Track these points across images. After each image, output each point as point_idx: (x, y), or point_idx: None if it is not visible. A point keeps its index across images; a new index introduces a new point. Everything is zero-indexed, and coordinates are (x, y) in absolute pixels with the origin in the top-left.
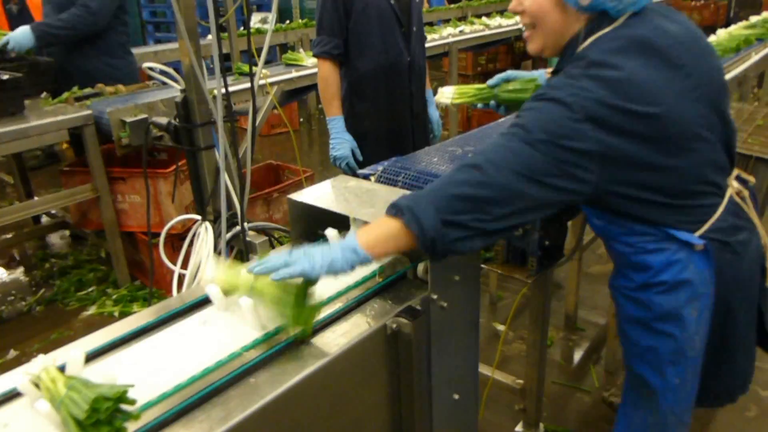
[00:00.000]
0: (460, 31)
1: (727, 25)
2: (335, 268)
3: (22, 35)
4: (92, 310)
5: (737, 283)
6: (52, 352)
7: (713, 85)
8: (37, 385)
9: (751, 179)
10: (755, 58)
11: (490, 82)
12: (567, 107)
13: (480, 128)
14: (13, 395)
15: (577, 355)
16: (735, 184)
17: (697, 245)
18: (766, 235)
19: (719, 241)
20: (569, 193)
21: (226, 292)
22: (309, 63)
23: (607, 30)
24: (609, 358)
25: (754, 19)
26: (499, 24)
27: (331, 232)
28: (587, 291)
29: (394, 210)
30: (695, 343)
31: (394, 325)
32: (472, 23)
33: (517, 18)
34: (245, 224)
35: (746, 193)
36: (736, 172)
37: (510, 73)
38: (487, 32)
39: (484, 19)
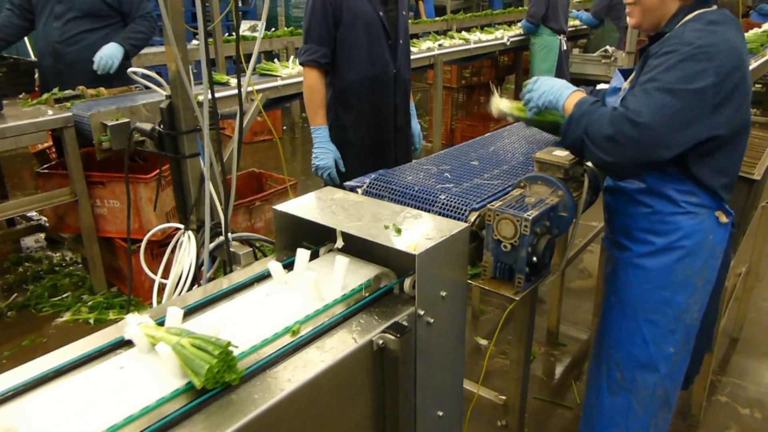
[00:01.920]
0: (439, 45)
1: None
2: (550, 106)
3: (115, 50)
4: (66, 316)
5: (726, 266)
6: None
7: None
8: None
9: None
10: None
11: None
12: (699, 62)
13: (467, 142)
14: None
15: (559, 371)
16: None
17: (724, 217)
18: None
19: (732, 223)
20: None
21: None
22: (283, 73)
23: (706, 10)
24: None
25: None
26: (479, 39)
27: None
28: (569, 306)
29: (573, 109)
30: (694, 312)
31: (381, 342)
32: (452, 38)
33: (497, 34)
34: (229, 235)
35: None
36: None
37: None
38: (472, 46)
39: (464, 33)
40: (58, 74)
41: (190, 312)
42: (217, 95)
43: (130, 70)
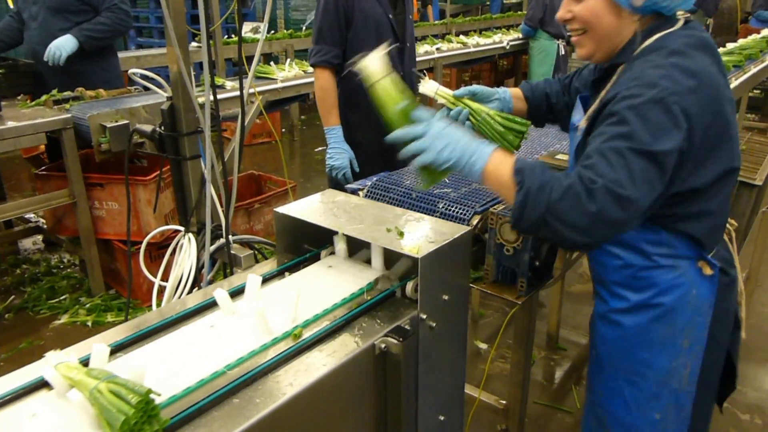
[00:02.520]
0: (437, 49)
1: None
2: (455, 169)
3: (65, 41)
4: (64, 318)
5: (725, 318)
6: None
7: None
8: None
9: (734, 223)
10: (735, 83)
11: (457, 92)
12: (669, 107)
13: None
14: (37, 386)
15: (559, 375)
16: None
17: (708, 269)
18: (742, 281)
19: (722, 271)
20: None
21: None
22: (280, 76)
23: (672, 29)
24: None
25: (730, 45)
26: (477, 43)
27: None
28: (569, 310)
29: (518, 179)
30: (682, 377)
31: (383, 345)
32: (450, 41)
33: (495, 38)
34: (230, 237)
35: (732, 230)
36: None
37: (475, 87)
38: (471, 50)
39: (462, 37)
40: (39, 76)
41: (190, 315)
42: (217, 97)
43: (131, 70)
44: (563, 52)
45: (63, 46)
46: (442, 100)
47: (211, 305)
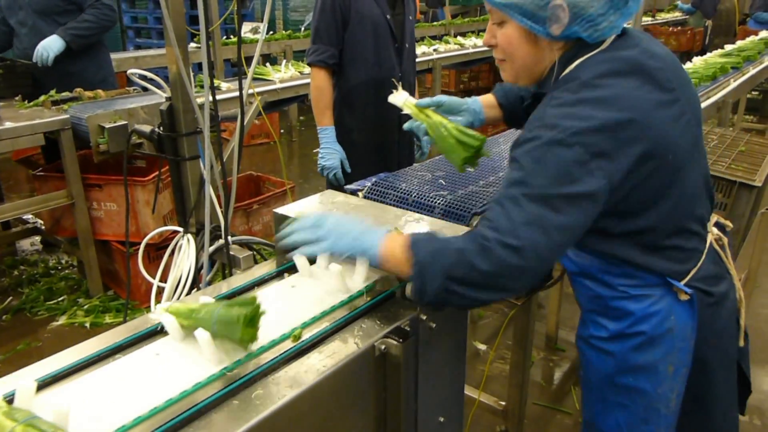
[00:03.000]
0: (435, 50)
1: (703, 51)
2: (352, 258)
3: (51, 42)
4: (62, 320)
5: (715, 338)
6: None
7: (695, 114)
8: None
9: (729, 225)
10: (734, 84)
11: (420, 101)
12: (570, 148)
13: None
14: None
15: (558, 376)
16: (714, 230)
17: (684, 294)
18: (741, 288)
19: (702, 291)
20: (574, 234)
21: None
22: (276, 77)
23: (594, 53)
24: None
25: (729, 47)
26: (474, 44)
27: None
28: (567, 311)
29: (409, 255)
30: (670, 401)
31: (383, 347)
32: (447, 42)
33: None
34: (229, 238)
35: (725, 240)
36: (714, 217)
37: (441, 98)
38: (470, 51)
39: (459, 38)
40: (34, 80)
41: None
42: (216, 98)
43: (129, 71)
44: None
45: (50, 46)
46: (408, 111)
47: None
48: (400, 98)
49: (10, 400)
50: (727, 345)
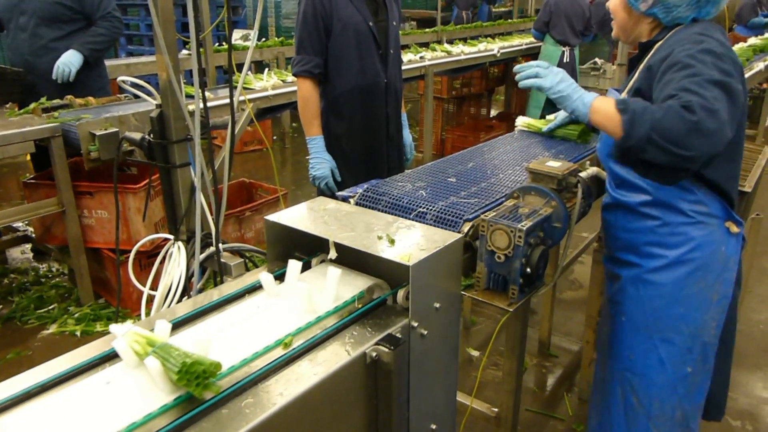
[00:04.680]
0: (420, 57)
1: None
2: (564, 101)
3: (71, 57)
4: (52, 328)
5: (739, 280)
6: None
7: None
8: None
9: None
10: None
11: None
12: (712, 54)
13: (460, 152)
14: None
15: (551, 382)
16: None
17: (735, 227)
18: None
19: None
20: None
21: None
22: (257, 86)
23: (684, 25)
24: (583, 386)
25: None
26: (461, 51)
27: (265, 277)
28: (560, 317)
29: (622, 107)
30: (711, 329)
31: (374, 354)
32: (434, 50)
33: (480, 46)
34: (220, 245)
35: None
36: None
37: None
38: (462, 57)
39: (446, 45)
40: (32, 86)
41: (180, 324)
42: (207, 105)
43: (120, 78)
44: (567, 59)
45: (70, 62)
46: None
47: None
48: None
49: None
50: (738, 289)
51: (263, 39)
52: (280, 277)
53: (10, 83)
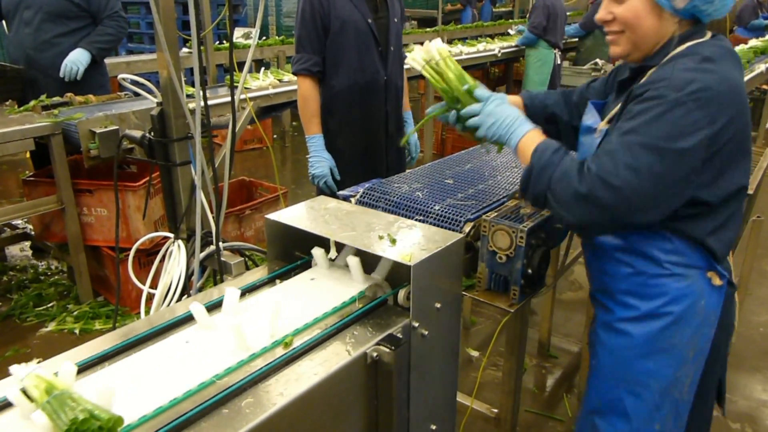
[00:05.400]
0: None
1: None
2: (498, 142)
3: (80, 55)
4: (51, 326)
5: (727, 328)
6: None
7: None
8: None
9: None
10: None
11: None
12: (690, 111)
13: (459, 153)
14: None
15: (550, 383)
16: None
17: (718, 279)
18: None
19: (729, 283)
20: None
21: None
22: (253, 85)
23: (702, 39)
24: (582, 388)
25: None
26: (461, 51)
27: (317, 252)
28: (560, 318)
29: (534, 156)
30: (684, 386)
31: (375, 354)
32: None
33: (480, 46)
34: (220, 244)
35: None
36: None
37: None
38: (463, 57)
39: (445, 45)
40: (33, 81)
41: (98, 362)
42: (208, 103)
43: (120, 75)
44: (559, 62)
45: (78, 60)
46: (428, 75)
47: (187, 319)
48: (418, 56)
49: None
50: (727, 340)
51: (264, 37)
52: (280, 276)
53: (10, 80)
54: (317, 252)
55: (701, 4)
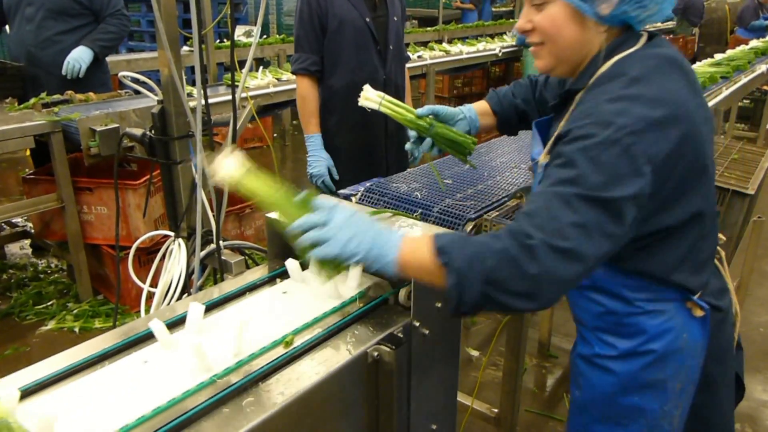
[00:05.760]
0: (419, 57)
1: (694, 59)
2: (361, 262)
3: (82, 53)
4: (51, 324)
5: (721, 354)
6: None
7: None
8: None
9: (722, 237)
10: (725, 93)
11: (420, 111)
12: (626, 149)
13: (442, 159)
14: None
15: (550, 383)
16: None
17: (699, 310)
18: (736, 300)
19: (712, 306)
20: (620, 241)
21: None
22: (251, 84)
23: (633, 49)
24: None
25: (718, 56)
26: (460, 51)
27: (291, 264)
28: (560, 318)
29: (444, 260)
30: (674, 418)
31: (376, 353)
32: (432, 49)
33: (480, 45)
34: (221, 243)
35: (722, 253)
36: None
37: (438, 108)
38: (464, 56)
39: (444, 45)
40: (34, 79)
41: (51, 383)
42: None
43: (121, 73)
44: None
45: (81, 58)
46: (387, 111)
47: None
48: (372, 95)
49: None
50: (730, 359)
51: (264, 36)
52: (280, 275)
53: (10, 78)
54: (290, 265)
55: (632, 9)
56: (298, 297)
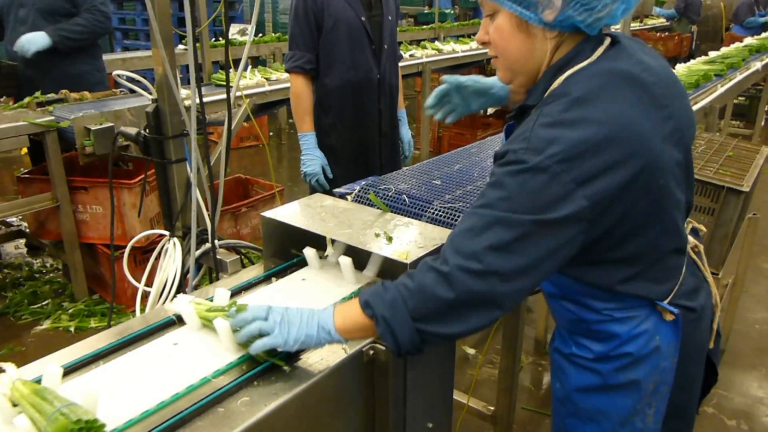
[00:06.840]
0: (411, 55)
1: (689, 57)
2: (308, 345)
3: (36, 37)
4: (46, 324)
5: (696, 351)
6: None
7: (689, 129)
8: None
9: (702, 228)
10: (720, 90)
11: (446, 77)
12: (556, 177)
13: (449, 153)
14: None
15: (546, 381)
16: (690, 239)
17: (669, 314)
18: (716, 293)
19: (686, 308)
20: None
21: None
22: (241, 84)
23: (585, 63)
24: None
25: (712, 54)
26: (453, 49)
27: (309, 252)
28: None
29: (369, 313)
30: (646, 416)
31: (371, 352)
32: (425, 48)
33: (472, 44)
34: (216, 242)
35: (701, 247)
36: (690, 225)
37: (461, 78)
38: (459, 54)
39: (437, 43)
40: (30, 79)
41: (90, 362)
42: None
43: (116, 72)
44: None
45: (33, 41)
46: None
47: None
48: (181, 305)
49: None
50: (699, 362)
51: (260, 34)
52: (275, 274)
53: (5, 77)
54: (309, 252)
55: (577, 13)
56: (316, 282)
